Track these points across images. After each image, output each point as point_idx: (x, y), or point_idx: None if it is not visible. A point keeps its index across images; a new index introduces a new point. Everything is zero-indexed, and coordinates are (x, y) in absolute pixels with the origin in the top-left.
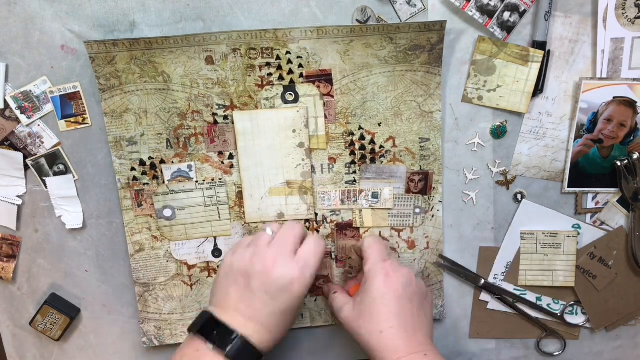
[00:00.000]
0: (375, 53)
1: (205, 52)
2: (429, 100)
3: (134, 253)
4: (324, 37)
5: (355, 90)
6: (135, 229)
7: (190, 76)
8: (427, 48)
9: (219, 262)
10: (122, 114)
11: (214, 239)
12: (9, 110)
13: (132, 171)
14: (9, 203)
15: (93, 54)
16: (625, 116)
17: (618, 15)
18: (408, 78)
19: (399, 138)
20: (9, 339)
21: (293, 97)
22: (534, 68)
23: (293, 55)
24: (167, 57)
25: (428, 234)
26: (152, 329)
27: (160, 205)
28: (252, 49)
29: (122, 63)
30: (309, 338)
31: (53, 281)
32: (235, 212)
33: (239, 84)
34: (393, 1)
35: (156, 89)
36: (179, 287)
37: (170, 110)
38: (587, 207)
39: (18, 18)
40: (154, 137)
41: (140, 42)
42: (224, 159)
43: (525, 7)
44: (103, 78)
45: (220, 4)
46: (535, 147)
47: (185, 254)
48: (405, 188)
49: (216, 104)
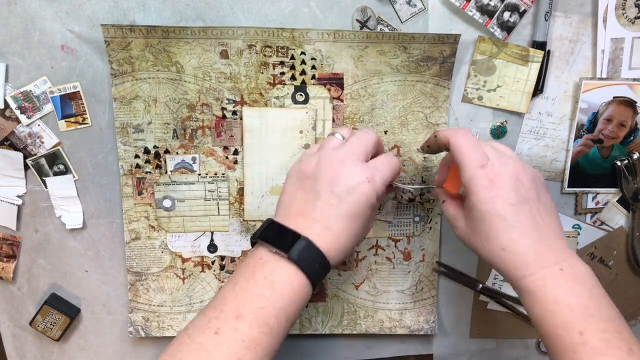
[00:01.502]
0: (388, 61)
1: (221, 46)
2: (436, 112)
3: (129, 241)
4: (340, 40)
5: (365, 96)
6: (133, 216)
7: (203, 68)
8: (439, 60)
9: (213, 257)
10: (131, 100)
11: (211, 233)
12: (9, 110)
13: (135, 158)
14: (9, 203)
15: (108, 37)
16: (625, 116)
17: (618, 15)
18: (418, 88)
19: (403, 147)
20: (9, 339)
21: (303, 98)
22: (534, 68)
23: (307, 56)
24: (183, 47)
25: (425, 246)
26: (139, 319)
27: (160, 195)
28: (267, 47)
29: (136, 49)
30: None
31: (53, 281)
32: (234, 209)
33: (251, 80)
34: (393, 1)
35: (168, 79)
36: (171, 279)
37: (179, 101)
38: (587, 207)
39: (18, 18)
40: (161, 126)
41: (157, 29)
42: (229, 154)
43: (525, 7)
44: (116, 63)
45: (220, 4)
46: (535, 147)
47: (181, 247)
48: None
49: (226, 99)
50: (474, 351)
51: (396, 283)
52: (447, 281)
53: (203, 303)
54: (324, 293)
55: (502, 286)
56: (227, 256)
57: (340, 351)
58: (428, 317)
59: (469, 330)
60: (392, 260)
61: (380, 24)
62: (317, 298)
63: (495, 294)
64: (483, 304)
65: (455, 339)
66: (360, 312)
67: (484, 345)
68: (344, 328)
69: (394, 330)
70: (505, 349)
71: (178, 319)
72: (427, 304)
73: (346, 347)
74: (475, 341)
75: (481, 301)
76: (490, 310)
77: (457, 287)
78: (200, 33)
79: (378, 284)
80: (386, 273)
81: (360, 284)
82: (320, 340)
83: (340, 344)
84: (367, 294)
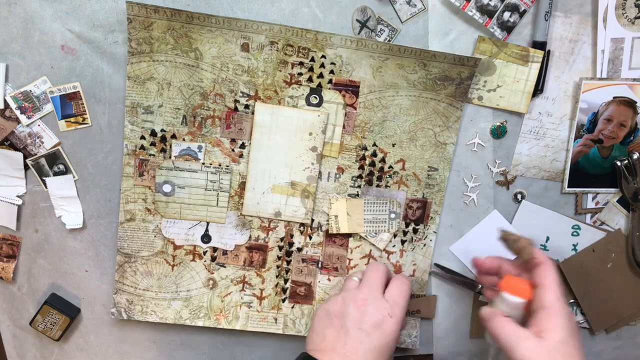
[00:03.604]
0: (406, 75)
1: (243, 39)
2: (446, 132)
3: (123, 221)
4: (362, 49)
5: (379, 107)
6: (130, 197)
7: (222, 58)
8: (456, 81)
9: (206, 247)
10: (145, 81)
11: (207, 224)
12: (9, 110)
13: (141, 139)
14: (9, 203)
15: (132, 15)
16: (625, 116)
17: (618, 15)
18: (431, 106)
19: (409, 162)
20: (9, 339)
21: (317, 101)
22: (534, 68)
23: (327, 60)
24: (205, 35)
25: (417, 262)
26: (123, 301)
27: (161, 179)
28: (289, 46)
29: (158, 31)
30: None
31: (53, 281)
32: (233, 202)
33: (268, 76)
34: (393, 1)
35: (185, 64)
36: (161, 264)
37: (193, 88)
38: (587, 207)
39: (18, 18)
40: (171, 111)
41: (182, 13)
42: (235, 147)
43: (525, 7)
44: (135, 41)
45: (220, 3)
46: (535, 147)
47: (175, 233)
48: (403, 214)
49: (240, 92)
50: (474, 351)
51: None
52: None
53: (189, 292)
54: (312, 296)
55: None
56: (220, 248)
57: None
58: (410, 331)
59: (469, 330)
60: None
61: (380, 24)
62: (304, 300)
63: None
64: (483, 304)
65: (455, 339)
66: None
67: (484, 345)
68: None
69: None
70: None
71: (162, 305)
72: (411, 319)
73: None
74: (475, 341)
75: (481, 301)
76: None
77: (457, 287)
78: (224, 23)
79: None
80: None
81: None
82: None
83: None
84: None
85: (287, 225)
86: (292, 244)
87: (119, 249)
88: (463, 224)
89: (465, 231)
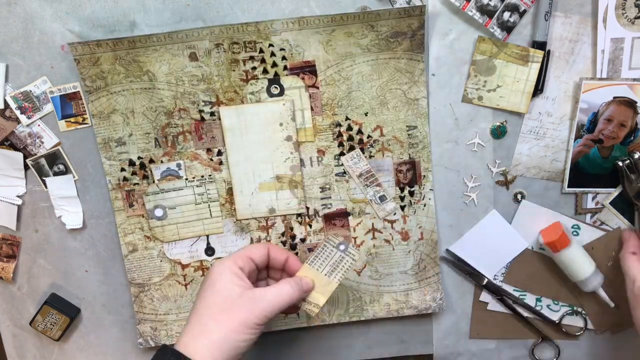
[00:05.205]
0: (357, 42)
1: (189, 49)
2: (414, 87)
3: (127, 254)
4: (306, 27)
5: (340, 80)
6: (127, 229)
7: (175, 74)
8: (408, 34)
9: (212, 260)
10: (109, 114)
11: (207, 237)
12: (9, 110)
13: (122, 172)
14: (9, 203)
15: (77, 55)
16: (625, 116)
17: (618, 15)
18: (391, 66)
19: (386, 127)
20: (9, 339)
21: (278, 90)
22: (534, 68)
23: (276, 48)
24: (151, 55)
25: (421, 224)
26: (148, 329)
27: (151, 205)
28: (235, 43)
29: (106, 63)
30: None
31: (53, 281)
32: (226, 209)
33: (224, 79)
34: (393, 1)
35: (142, 88)
36: (174, 286)
37: (156, 109)
38: (587, 207)
39: (18, 18)
40: (142, 137)
41: (123, 41)
42: (213, 156)
43: (525, 7)
44: (89, 80)
45: (220, 4)
46: (535, 147)
47: (179, 254)
48: (394, 180)
49: (202, 101)
50: (474, 351)
51: (398, 264)
52: (448, 281)
53: None
54: None
55: (502, 285)
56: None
57: (341, 351)
58: (434, 295)
59: (469, 330)
60: (391, 242)
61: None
62: None
63: (499, 291)
64: (483, 304)
65: (455, 339)
66: (365, 297)
67: (484, 345)
68: (351, 316)
69: (402, 312)
70: (505, 349)
71: None
72: (432, 282)
73: (346, 347)
74: (475, 341)
75: (481, 301)
76: (490, 311)
77: (457, 287)
78: (166, 39)
79: (380, 267)
80: (386, 255)
81: (362, 269)
82: (320, 341)
83: (340, 344)
84: (370, 278)
85: (285, 219)
86: (294, 236)
87: (130, 280)
88: (463, 224)
89: (465, 231)
